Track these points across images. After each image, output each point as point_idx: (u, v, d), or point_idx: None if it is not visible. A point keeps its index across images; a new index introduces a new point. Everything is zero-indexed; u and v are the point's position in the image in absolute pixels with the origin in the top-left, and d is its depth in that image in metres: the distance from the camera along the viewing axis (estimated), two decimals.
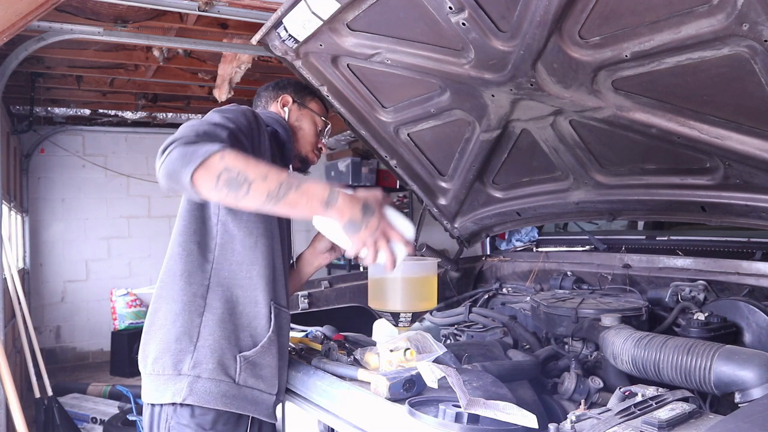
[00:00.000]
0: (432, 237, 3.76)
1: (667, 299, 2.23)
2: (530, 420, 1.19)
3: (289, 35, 2.28)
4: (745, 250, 2.44)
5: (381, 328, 2.55)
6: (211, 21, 4.30)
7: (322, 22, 2.11)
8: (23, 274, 6.39)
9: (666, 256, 2.58)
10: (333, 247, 2.03)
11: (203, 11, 3.62)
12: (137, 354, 1.72)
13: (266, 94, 2.12)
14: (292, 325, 2.28)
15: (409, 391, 1.47)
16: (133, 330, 6.94)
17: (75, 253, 7.59)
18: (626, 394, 1.38)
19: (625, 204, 2.46)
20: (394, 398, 1.44)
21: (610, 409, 1.28)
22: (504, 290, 3.16)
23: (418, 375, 1.48)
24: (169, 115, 7.16)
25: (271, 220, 1.75)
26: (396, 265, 1.51)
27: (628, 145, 2.12)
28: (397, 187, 8.60)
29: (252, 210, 1.53)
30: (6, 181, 5.07)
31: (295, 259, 2.12)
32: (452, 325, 2.53)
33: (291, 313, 1.85)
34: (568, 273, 2.85)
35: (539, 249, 3.36)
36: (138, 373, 1.69)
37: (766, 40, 1.42)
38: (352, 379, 1.63)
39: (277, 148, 1.89)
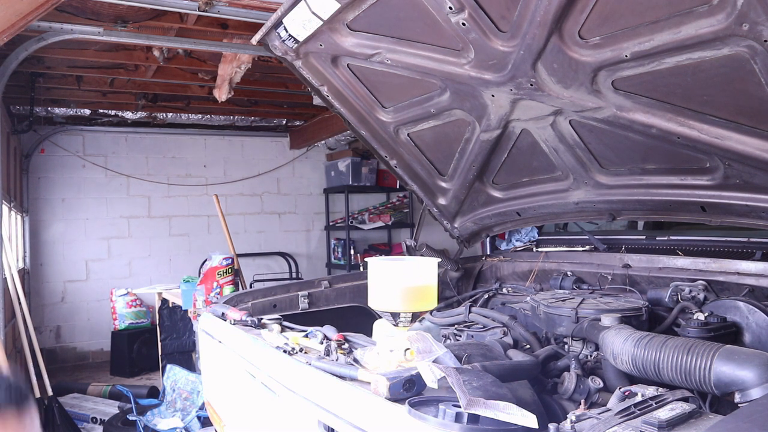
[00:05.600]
0: (432, 237, 3.76)
1: (667, 299, 2.23)
2: (530, 420, 1.19)
3: (289, 35, 2.28)
4: (745, 250, 2.43)
5: (381, 328, 2.55)
6: (211, 21, 4.30)
7: (322, 22, 2.12)
8: (23, 274, 6.38)
9: (666, 256, 2.58)
10: None
11: (203, 11, 3.62)
12: (137, 354, 1.68)
13: None
14: (293, 325, 2.28)
15: (409, 391, 1.47)
16: (133, 330, 6.89)
17: (75, 253, 7.59)
18: (626, 394, 1.38)
19: (625, 204, 2.46)
20: (394, 398, 1.44)
21: (610, 409, 1.28)
22: (504, 290, 3.16)
23: (418, 375, 1.47)
24: (169, 115, 7.17)
25: None
26: None
27: (628, 145, 2.12)
28: (397, 187, 8.60)
29: None
30: (6, 181, 5.07)
31: None
32: (452, 325, 2.53)
33: (291, 313, 1.83)
34: (568, 273, 2.85)
35: (539, 249, 3.36)
36: (138, 373, 1.63)
37: (766, 40, 1.42)
38: (352, 379, 1.62)
39: None
